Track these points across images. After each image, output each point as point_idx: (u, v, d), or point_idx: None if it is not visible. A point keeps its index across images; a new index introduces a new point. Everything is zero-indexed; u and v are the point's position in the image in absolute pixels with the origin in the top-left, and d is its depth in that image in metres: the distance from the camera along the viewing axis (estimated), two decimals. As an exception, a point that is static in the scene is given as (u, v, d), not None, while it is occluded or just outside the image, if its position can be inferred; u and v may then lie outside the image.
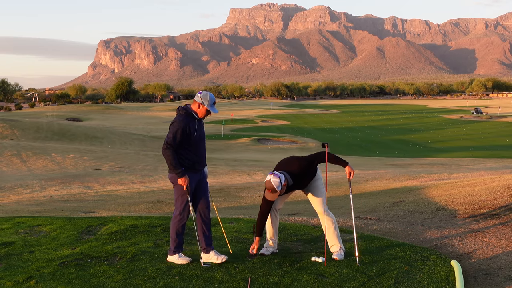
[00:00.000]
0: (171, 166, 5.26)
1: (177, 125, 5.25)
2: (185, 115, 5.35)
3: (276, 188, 5.29)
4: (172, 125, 5.29)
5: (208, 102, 5.37)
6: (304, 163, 5.51)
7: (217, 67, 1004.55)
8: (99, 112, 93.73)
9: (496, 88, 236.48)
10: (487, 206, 7.55)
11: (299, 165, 5.49)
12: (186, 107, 5.42)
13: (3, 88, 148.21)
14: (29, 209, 10.66)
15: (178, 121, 5.28)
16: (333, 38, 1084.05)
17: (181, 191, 5.37)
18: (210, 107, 5.38)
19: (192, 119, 5.36)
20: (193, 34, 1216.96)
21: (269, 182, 5.33)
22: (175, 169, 5.26)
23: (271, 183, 5.30)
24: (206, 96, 5.36)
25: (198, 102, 5.37)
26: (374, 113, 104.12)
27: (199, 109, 5.39)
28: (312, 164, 5.54)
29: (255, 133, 54.53)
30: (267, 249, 5.73)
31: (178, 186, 5.37)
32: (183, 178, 5.27)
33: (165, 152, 5.26)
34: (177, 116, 5.37)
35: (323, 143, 5.84)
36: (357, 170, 21.59)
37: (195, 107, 5.41)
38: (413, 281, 4.79)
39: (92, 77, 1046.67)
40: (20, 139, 38.08)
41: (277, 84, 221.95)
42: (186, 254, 5.65)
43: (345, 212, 8.75)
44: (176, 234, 5.46)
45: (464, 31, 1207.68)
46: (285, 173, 5.45)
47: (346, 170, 5.51)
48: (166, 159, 5.29)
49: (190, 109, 5.41)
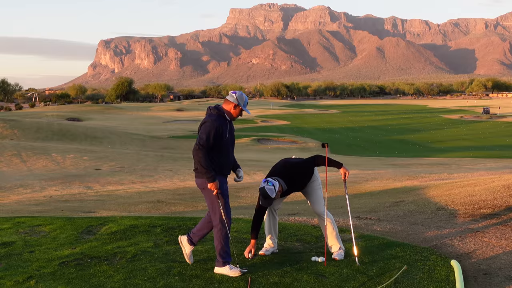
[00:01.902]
0: (203, 169, 4.95)
1: (210, 125, 4.96)
2: (217, 116, 5.08)
3: (270, 195, 5.25)
4: (203, 125, 5.01)
5: (244, 103, 5.16)
6: (298, 169, 5.47)
7: (217, 67, 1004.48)
8: (99, 112, 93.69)
9: (496, 88, 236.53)
10: (487, 206, 7.55)
11: (293, 171, 5.45)
12: (218, 107, 5.15)
13: (3, 88, 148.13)
14: (29, 209, 10.66)
15: (211, 121, 4.99)
16: (333, 38, 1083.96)
17: (213, 196, 5.07)
18: (245, 108, 5.18)
19: (224, 120, 5.09)
20: (193, 34, 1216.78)
21: (263, 189, 5.27)
22: (207, 172, 4.95)
23: (265, 190, 5.25)
24: (242, 97, 5.15)
25: (234, 103, 5.13)
26: (374, 113, 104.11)
27: (234, 110, 5.13)
28: (307, 168, 5.52)
29: (255, 133, 54.51)
30: (267, 249, 5.72)
31: (208, 191, 5.08)
32: (215, 183, 4.98)
33: (197, 153, 4.95)
34: (208, 116, 5.08)
35: (323, 143, 5.85)
36: (357, 170, 21.58)
37: (229, 107, 5.14)
38: (413, 281, 4.80)
39: (92, 77, 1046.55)
40: (20, 139, 38.07)
41: (277, 84, 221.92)
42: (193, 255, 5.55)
43: (344, 212, 8.76)
44: (224, 243, 5.10)
45: (464, 31, 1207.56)
46: (279, 179, 5.39)
47: (341, 171, 5.50)
48: (196, 161, 4.98)
49: (223, 109, 5.16)
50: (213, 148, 5.01)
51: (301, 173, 5.48)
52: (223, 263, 5.07)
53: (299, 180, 5.50)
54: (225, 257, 5.08)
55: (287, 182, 5.43)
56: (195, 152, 4.98)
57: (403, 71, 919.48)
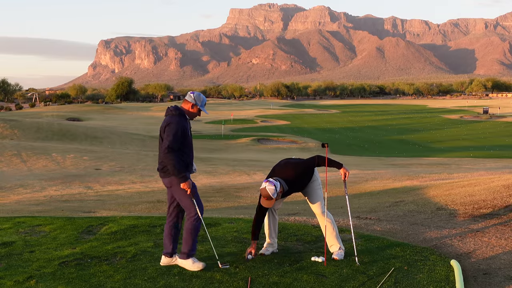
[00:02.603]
0: (176, 170, 5.03)
1: (175, 126, 5.06)
2: (179, 116, 5.19)
3: (272, 195, 5.25)
4: (168, 126, 5.08)
5: (201, 103, 5.29)
6: (299, 169, 5.48)
7: (217, 67, 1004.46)
8: (99, 112, 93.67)
9: (495, 88, 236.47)
10: (487, 206, 7.56)
11: (294, 171, 5.46)
12: (178, 107, 5.26)
13: (3, 88, 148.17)
14: (29, 209, 10.67)
15: (175, 122, 5.09)
16: (333, 38, 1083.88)
17: (184, 192, 5.17)
18: (202, 108, 5.30)
19: (185, 119, 5.22)
20: (193, 34, 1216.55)
21: (264, 190, 5.27)
22: (179, 173, 5.04)
23: (267, 191, 5.25)
24: (200, 97, 5.28)
25: (192, 103, 5.25)
26: (374, 113, 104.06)
27: (192, 109, 5.27)
28: (308, 168, 5.53)
29: (255, 133, 54.50)
30: (267, 249, 5.73)
31: (177, 189, 5.17)
32: (187, 182, 5.08)
33: (168, 156, 5.03)
34: (170, 117, 5.16)
35: (323, 143, 5.85)
36: (357, 170, 21.58)
37: (187, 106, 5.27)
38: (413, 281, 4.80)
39: (92, 77, 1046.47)
40: (21, 139, 38.08)
41: (277, 84, 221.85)
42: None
43: (344, 212, 8.76)
44: (194, 236, 5.20)
45: (463, 31, 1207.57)
46: (280, 180, 5.40)
47: (341, 171, 5.51)
48: (169, 164, 5.05)
49: (183, 109, 5.28)
50: (179, 147, 5.12)
51: (301, 174, 5.48)
52: (188, 255, 5.17)
53: (300, 181, 5.51)
54: (191, 250, 5.19)
55: (288, 182, 5.44)
56: (166, 155, 5.05)
57: (403, 71, 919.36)
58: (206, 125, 67.20)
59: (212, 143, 44.33)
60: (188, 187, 5.09)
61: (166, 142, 5.04)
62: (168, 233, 5.36)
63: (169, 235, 5.35)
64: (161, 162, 5.20)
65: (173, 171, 5.05)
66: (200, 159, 28.15)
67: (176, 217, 5.39)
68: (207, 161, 27.35)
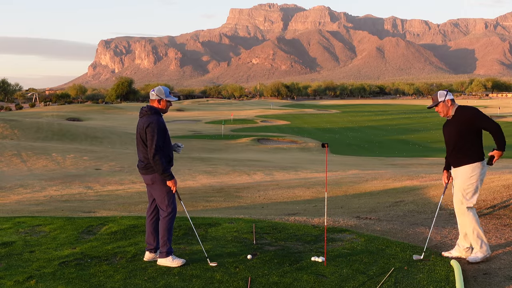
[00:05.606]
0: (162, 170, 5.16)
1: (155, 125, 5.16)
2: (154, 114, 5.29)
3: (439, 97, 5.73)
4: (149, 127, 5.16)
5: (165, 94, 5.36)
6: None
7: (217, 67, 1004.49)
8: (99, 112, 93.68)
9: (495, 88, 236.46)
10: (487, 206, 7.56)
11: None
12: (151, 107, 5.35)
13: (3, 88, 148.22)
14: (29, 209, 10.67)
15: (154, 121, 5.19)
16: (333, 38, 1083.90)
17: (166, 189, 5.28)
18: (168, 97, 5.37)
19: (161, 116, 5.34)
20: (193, 34, 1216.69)
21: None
22: (166, 171, 5.18)
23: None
24: (161, 90, 5.37)
25: (157, 98, 5.35)
26: (374, 113, 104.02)
27: (161, 104, 5.35)
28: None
29: (255, 133, 54.48)
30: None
31: (159, 186, 5.26)
32: (173, 180, 5.24)
33: (156, 157, 5.13)
34: (148, 117, 5.26)
35: (323, 143, 5.85)
36: (357, 170, 21.59)
37: (155, 104, 5.37)
38: (413, 280, 4.80)
39: (92, 77, 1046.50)
40: (21, 139, 38.08)
41: (277, 84, 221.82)
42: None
43: (344, 212, 8.76)
44: (169, 233, 5.33)
45: (463, 31, 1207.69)
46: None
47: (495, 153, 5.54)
48: (156, 164, 5.14)
49: (155, 107, 5.36)
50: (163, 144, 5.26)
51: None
52: (166, 253, 5.28)
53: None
54: (169, 247, 5.29)
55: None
56: (154, 157, 5.13)
57: (403, 71, 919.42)
58: (206, 125, 67.21)
59: (212, 143, 44.32)
60: (174, 185, 5.24)
61: (152, 142, 5.13)
62: (153, 229, 5.48)
63: (153, 231, 5.48)
64: (142, 159, 5.32)
65: (158, 169, 5.16)
66: (200, 159, 28.15)
67: (158, 214, 5.50)
68: (207, 161, 27.34)
